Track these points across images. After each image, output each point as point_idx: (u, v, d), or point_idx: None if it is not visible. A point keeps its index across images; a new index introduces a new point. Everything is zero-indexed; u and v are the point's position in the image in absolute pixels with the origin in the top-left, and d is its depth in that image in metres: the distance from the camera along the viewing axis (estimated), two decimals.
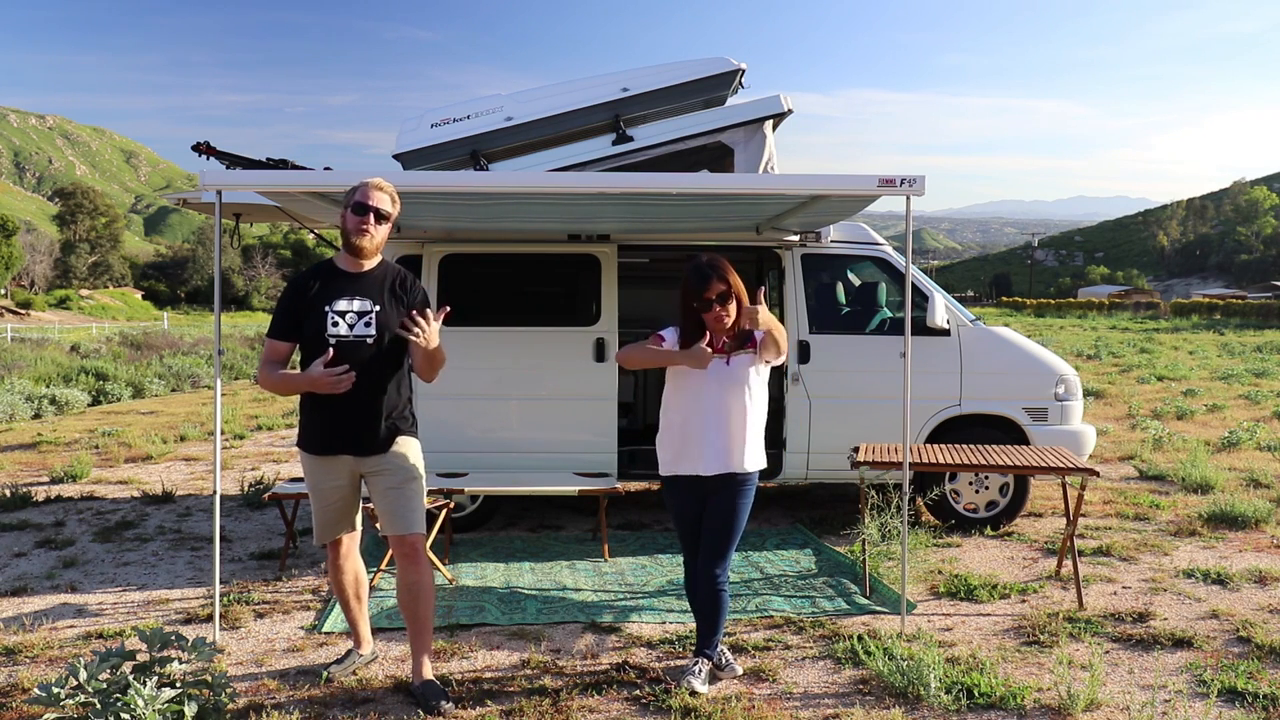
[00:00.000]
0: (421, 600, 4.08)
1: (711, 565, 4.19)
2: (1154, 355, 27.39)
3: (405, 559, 4.09)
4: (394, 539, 4.10)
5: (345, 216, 4.03)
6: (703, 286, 4.06)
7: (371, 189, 4.01)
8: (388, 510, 4.07)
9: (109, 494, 8.52)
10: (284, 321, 4.03)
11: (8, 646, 4.67)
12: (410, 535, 4.07)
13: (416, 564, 4.09)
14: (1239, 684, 4.16)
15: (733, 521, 4.20)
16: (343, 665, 4.34)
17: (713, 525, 4.20)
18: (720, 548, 4.20)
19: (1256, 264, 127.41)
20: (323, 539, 4.24)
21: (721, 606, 4.22)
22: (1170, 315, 66.17)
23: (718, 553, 4.20)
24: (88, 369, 18.42)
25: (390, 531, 4.09)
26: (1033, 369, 7.11)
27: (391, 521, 4.07)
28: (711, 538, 4.20)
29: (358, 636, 4.43)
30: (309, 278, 4.07)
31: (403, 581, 4.11)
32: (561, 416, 6.93)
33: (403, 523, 4.07)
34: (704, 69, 7.16)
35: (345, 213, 4.02)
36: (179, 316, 67.12)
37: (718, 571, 4.19)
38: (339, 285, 4.02)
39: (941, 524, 7.05)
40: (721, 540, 4.20)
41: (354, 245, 4.02)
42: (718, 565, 4.19)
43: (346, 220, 4.02)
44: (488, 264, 7.08)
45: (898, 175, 4.77)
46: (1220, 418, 13.73)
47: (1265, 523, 7.12)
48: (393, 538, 4.10)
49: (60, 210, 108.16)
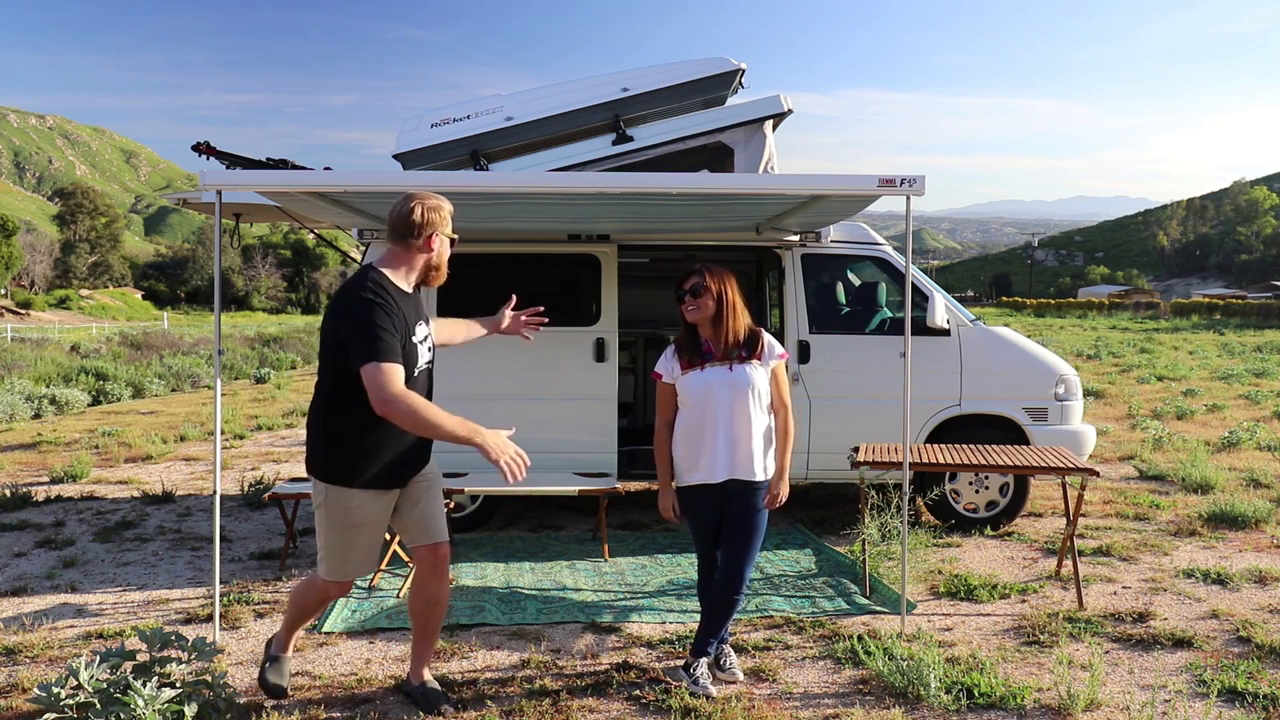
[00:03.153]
0: (438, 611, 3.98)
1: (736, 568, 4.18)
2: (1154, 355, 27.40)
3: (435, 570, 3.92)
4: (427, 549, 3.90)
5: (442, 242, 3.82)
6: (681, 279, 4.24)
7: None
8: (421, 519, 3.90)
9: (109, 494, 8.52)
10: (395, 345, 3.57)
11: (8, 646, 4.67)
12: (444, 543, 3.94)
13: (443, 576, 3.94)
14: (1239, 684, 4.16)
15: (753, 528, 4.20)
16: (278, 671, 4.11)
17: (734, 531, 4.20)
18: (743, 553, 4.19)
19: (1256, 264, 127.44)
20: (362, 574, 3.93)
21: (732, 610, 4.22)
22: (1170, 315, 66.19)
23: (739, 560, 4.18)
24: (88, 369, 18.43)
25: (425, 540, 3.90)
26: (1033, 369, 7.11)
27: (426, 530, 3.91)
28: (734, 543, 4.19)
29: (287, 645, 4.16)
30: (391, 299, 3.63)
31: (424, 591, 3.94)
32: (561, 416, 6.93)
33: (438, 529, 3.93)
34: (704, 69, 7.16)
35: (440, 238, 3.80)
36: (179, 316, 67.15)
37: (741, 574, 4.18)
38: (409, 310, 3.73)
39: (941, 524, 7.05)
40: (744, 545, 4.19)
41: (442, 275, 3.87)
42: (742, 568, 4.18)
43: (444, 249, 3.84)
44: (488, 264, 7.07)
45: (898, 175, 4.76)
46: (1220, 418, 13.73)
47: (1265, 523, 7.12)
48: (425, 548, 3.90)
49: (60, 210, 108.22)
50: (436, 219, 3.78)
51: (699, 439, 4.19)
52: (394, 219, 3.78)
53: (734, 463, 4.16)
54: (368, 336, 3.51)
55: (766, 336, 4.25)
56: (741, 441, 4.15)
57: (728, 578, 4.19)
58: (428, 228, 3.75)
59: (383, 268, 3.74)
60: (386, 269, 3.74)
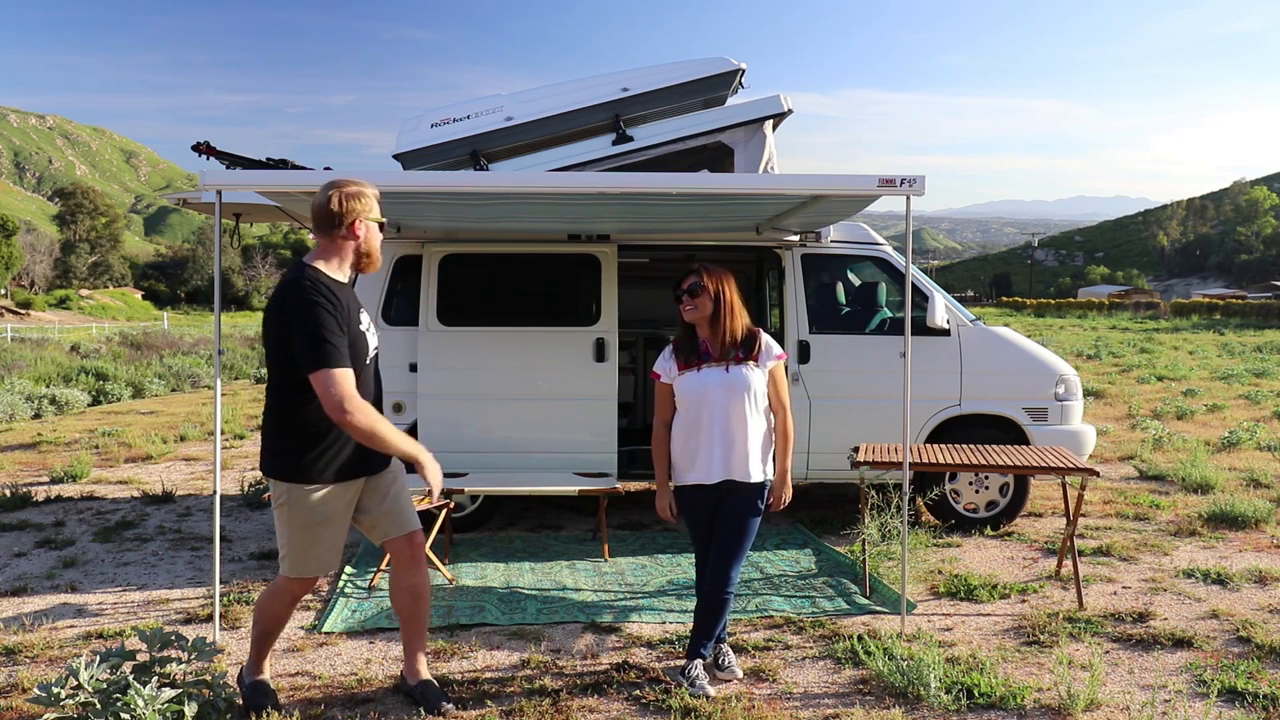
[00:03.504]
0: (424, 601, 4.01)
1: (722, 569, 4.19)
2: (1154, 355, 27.39)
3: (411, 560, 3.95)
4: (400, 540, 3.93)
5: (371, 229, 3.75)
6: (679, 279, 4.24)
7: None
8: (391, 512, 3.92)
9: (109, 494, 8.52)
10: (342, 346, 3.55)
11: (8, 646, 4.67)
12: (416, 532, 3.97)
13: (420, 564, 3.98)
14: (1239, 684, 4.16)
15: (742, 530, 4.20)
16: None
17: (723, 532, 4.21)
18: (731, 555, 4.20)
19: (1256, 264, 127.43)
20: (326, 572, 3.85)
21: (723, 611, 4.23)
22: (1170, 315, 66.17)
23: (727, 560, 4.20)
24: (88, 369, 18.43)
25: (396, 533, 3.92)
26: (1033, 369, 7.11)
27: (398, 522, 3.93)
28: (723, 544, 4.21)
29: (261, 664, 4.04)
30: (330, 296, 3.61)
31: (405, 583, 3.96)
32: (561, 416, 6.93)
33: (409, 519, 3.96)
34: (704, 69, 7.16)
35: (364, 224, 3.72)
36: (179, 316, 67.14)
37: (727, 576, 4.19)
38: (349, 300, 3.70)
39: (941, 524, 7.05)
40: (732, 547, 4.20)
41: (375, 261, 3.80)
42: (728, 570, 4.19)
43: (372, 235, 3.75)
44: (488, 264, 7.08)
45: (898, 175, 4.77)
46: (1220, 418, 13.73)
47: (1265, 523, 7.12)
48: (399, 540, 3.93)
49: (60, 210, 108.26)
50: (358, 206, 3.70)
51: (694, 440, 4.19)
52: (315, 212, 3.73)
53: (729, 464, 4.16)
54: (313, 342, 3.49)
55: (764, 337, 4.25)
56: (737, 443, 4.15)
57: (715, 578, 4.20)
58: (349, 215, 3.68)
59: (315, 262, 3.70)
60: (319, 263, 3.70)
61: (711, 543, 4.26)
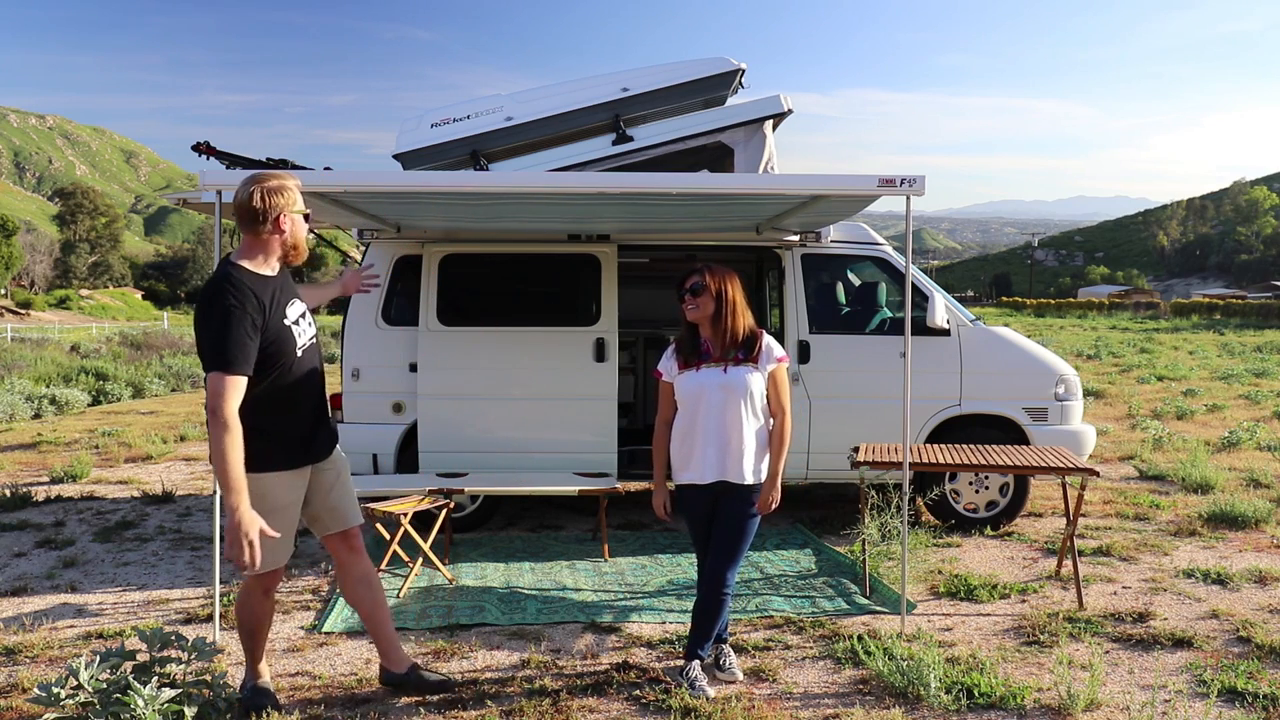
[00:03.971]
0: (378, 590, 4.07)
1: (717, 571, 4.20)
2: (1154, 355, 27.39)
3: (351, 551, 4.00)
4: (341, 535, 3.97)
5: (294, 221, 3.75)
6: (682, 279, 4.24)
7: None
8: (336, 506, 3.95)
9: (109, 494, 8.52)
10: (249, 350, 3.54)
11: (8, 646, 4.67)
12: (356, 526, 4.02)
13: (361, 553, 4.04)
14: (1239, 684, 4.16)
15: (738, 532, 4.20)
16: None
17: (719, 534, 4.21)
18: (726, 556, 4.20)
19: (1256, 264, 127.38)
20: (282, 562, 3.86)
21: (719, 612, 4.22)
22: (1170, 315, 66.15)
23: (724, 560, 4.20)
24: (88, 369, 18.43)
25: (339, 527, 3.96)
26: (1033, 369, 7.11)
27: (339, 517, 3.96)
28: (718, 546, 4.21)
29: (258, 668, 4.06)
30: (250, 297, 3.59)
31: (354, 575, 4.01)
32: (561, 416, 6.93)
33: (351, 513, 4.00)
34: (704, 69, 7.16)
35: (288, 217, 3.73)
36: (179, 316, 67.08)
37: (722, 578, 4.19)
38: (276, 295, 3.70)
39: (941, 524, 7.05)
40: (727, 549, 4.20)
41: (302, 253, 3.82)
42: (723, 572, 4.19)
43: (297, 228, 3.77)
44: (488, 264, 7.08)
45: (898, 175, 4.77)
46: (1220, 418, 13.73)
47: (1265, 523, 7.12)
48: (340, 535, 3.97)
49: (60, 210, 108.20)
50: (280, 200, 3.70)
51: (690, 439, 4.20)
52: (237, 208, 3.73)
53: (723, 465, 4.16)
54: (217, 344, 3.50)
55: (766, 339, 4.24)
56: (732, 444, 4.15)
57: (709, 579, 4.21)
58: (272, 210, 3.69)
59: (240, 260, 3.70)
60: (244, 260, 3.70)
61: (709, 542, 4.26)
